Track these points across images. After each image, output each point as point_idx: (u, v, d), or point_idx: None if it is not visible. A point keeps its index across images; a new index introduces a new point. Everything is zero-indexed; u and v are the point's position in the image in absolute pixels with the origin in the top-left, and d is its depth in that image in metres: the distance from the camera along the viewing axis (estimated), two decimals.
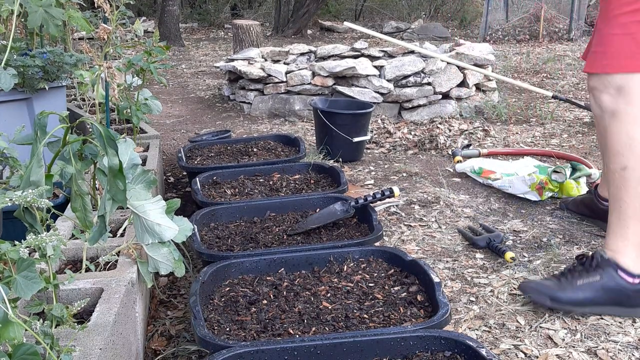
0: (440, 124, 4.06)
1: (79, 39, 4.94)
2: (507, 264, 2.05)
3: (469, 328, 1.68)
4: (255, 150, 2.94)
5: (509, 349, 1.58)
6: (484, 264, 2.07)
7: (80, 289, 1.35)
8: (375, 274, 1.71)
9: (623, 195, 1.63)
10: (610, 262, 1.66)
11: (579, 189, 2.62)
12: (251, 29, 6.31)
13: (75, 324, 1.17)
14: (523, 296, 1.79)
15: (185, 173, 3.03)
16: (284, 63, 4.73)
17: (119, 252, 1.54)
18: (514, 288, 1.89)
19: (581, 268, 1.71)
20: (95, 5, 2.02)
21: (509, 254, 2.04)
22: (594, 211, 2.31)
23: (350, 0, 14.66)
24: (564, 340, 1.61)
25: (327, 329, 1.45)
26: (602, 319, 1.71)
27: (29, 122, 2.25)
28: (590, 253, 1.75)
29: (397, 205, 2.61)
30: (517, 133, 3.88)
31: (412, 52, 4.63)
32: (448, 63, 4.37)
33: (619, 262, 1.65)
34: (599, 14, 1.72)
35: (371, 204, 2.08)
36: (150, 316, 1.79)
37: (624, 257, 1.65)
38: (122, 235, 1.69)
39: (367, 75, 4.29)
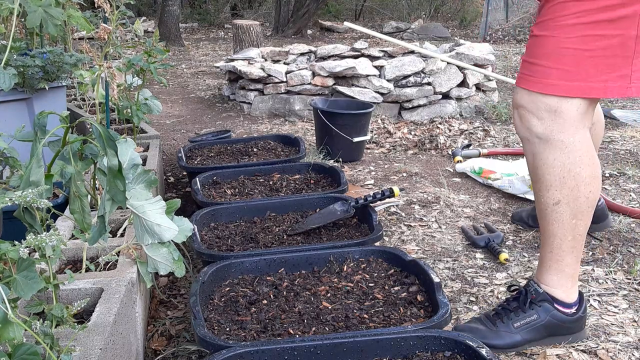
0: (440, 124, 4.06)
1: (79, 38, 4.94)
2: (507, 264, 2.05)
3: None
4: (255, 150, 2.94)
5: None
6: (484, 264, 2.07)
7: (80, 289, 1.35)
8: (375, 274, 1.71)
9: (556, 231, 1.49)
10: (546, 296, 1.56)
11: None
12: (251, 29, 6.31)
13: (75, 324, 1.17)
14: None
15: (185, 173, 3.03)
16: (284, 63, 4.73)
17: (119, 252, 1.54)
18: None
19: (515, 305, 1.59)
20: (96, 5, 2.02)
21: (503, 255, 2.05)
22: None
23: (350, 0, 14.66)
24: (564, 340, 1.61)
25: (327, 329, 1.45)
26: (602, 319, 1.71)
27: (29, 122, 2.25)
28: (523, 285, 1.64)
29: (397, 205, 2.61)
30: (517, 133, 3.88)
31: (412, 52, 4.63)
32: (448, 63, 4.37)
33: (555, 295, 1.56)
34: (542, 17, 1.42)
35: (371, 204, 2.08)
36: (150, 316, 1.78)
37: (559, 289, 1.56)
38: (122, 235, 1.69)
39: (367, 75, 4.29)
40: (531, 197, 2.61)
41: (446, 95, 4.41)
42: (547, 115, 1.41)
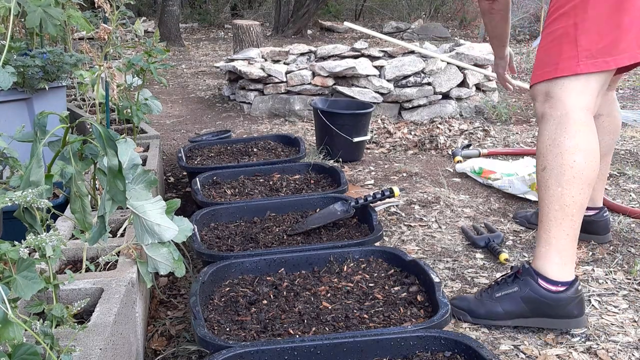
0: (440, 124, 4.06)
1: (79, 39, 4.94)
2: (507, 264, 2.05)
3: (469, 328, 1.68)
4: (255, 150, 2.94)
5: (509, 349, 1.58)
6: (484, 264, 2.07)
7: (80, 289, 1.35)
8: (375, 274, 1.71)
9: (544, 196, 1.60)
10: (530, 271, 1.61)
11: None
12: (251, 29, 6.31)
13: (76, 324, 1.17)
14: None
15: (185, 173, 3.03)
16: (284, 63, 4.73)
17: (119, 252, 1.54)
18: None
19: (503, 280, 1.67)
20: (96, 5, 2.02)
21: (503, 255, 2.05)
22: None
23: (350, 0, 14.65)
24: (564, 340, 1.61)
25: (327, 329, 1.45)
26: (602, 319, 1.71)
27: (29, 122, 2.25)
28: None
29: (397, 205, 2.61)
30: (517, 133, 3.88)
31: (412, 52, 4.63)
32: (448, 63, 4.37)
33: (539, 269, 1.61)
34: None
35: (371, 204, 2.08)
36: (150, 316, 1.78)
37: (546, 263, 1.60)
38: (122, 235, 1.69)
39: (367, 76, 4.28)
40: (531, 197, 2.62)
41: (446, 96, 4.41)
42: (542, 97, 1.65)
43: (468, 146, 3.38)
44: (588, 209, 2.14)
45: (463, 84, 4.46)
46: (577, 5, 1.56)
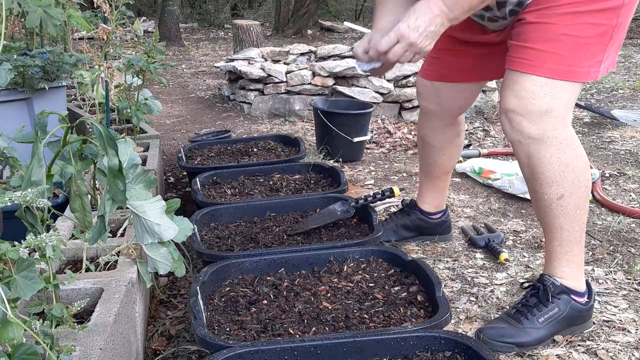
0: None
1: (79, 38, 4.94)
2: (507, 264, 2.05)
3: (469, 328, 1.68)
4: (255, 150, 2.94)
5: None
6: (484, 264, 2.07)
7: (80, 289, 1.35)
8: (375, 274, 1.71)
9: (563, 223, 1.55)
10: (563, 288, 1.61)
11: None
12: (251, 29, 6.31)
13: (75, 324, 1.17)
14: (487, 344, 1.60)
15: (185, 173, 3.03)
16: (284, 63, 4.73)
17: (119, 252, 1.54)
18: (518, 285, 1.89)
19: (535, 300, 1.61)
20: (95, 5, 2.02)
21: (503, 255, 2.05)
22: (420, 229, 2.23)
23: (350, 0, 14.66)
24: (564, 340, 1.61)
25: (327, 329, 1.45)
26: (602, 319, 1.71)
27: (29, 122, 2.25)
28: (537, 281, 1.66)
29: (397, 206, 2.61)
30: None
31: None
32: None
33: (570, 287, 1.61)
34: (536, 6, 1.47)
35: (371, 204, 2.08)
36: (150, 316, 1.78)
37: (573, 279, 1.61)
38: (122, 235, 1.69)
39: (367, 76, 4.28)
40: None
41: None
42: (539, 116, 1.46)
43: (468, 146, 3.38)
44: (437, 212, 2.20)
45: None
46: (626, 4, 1.41)
